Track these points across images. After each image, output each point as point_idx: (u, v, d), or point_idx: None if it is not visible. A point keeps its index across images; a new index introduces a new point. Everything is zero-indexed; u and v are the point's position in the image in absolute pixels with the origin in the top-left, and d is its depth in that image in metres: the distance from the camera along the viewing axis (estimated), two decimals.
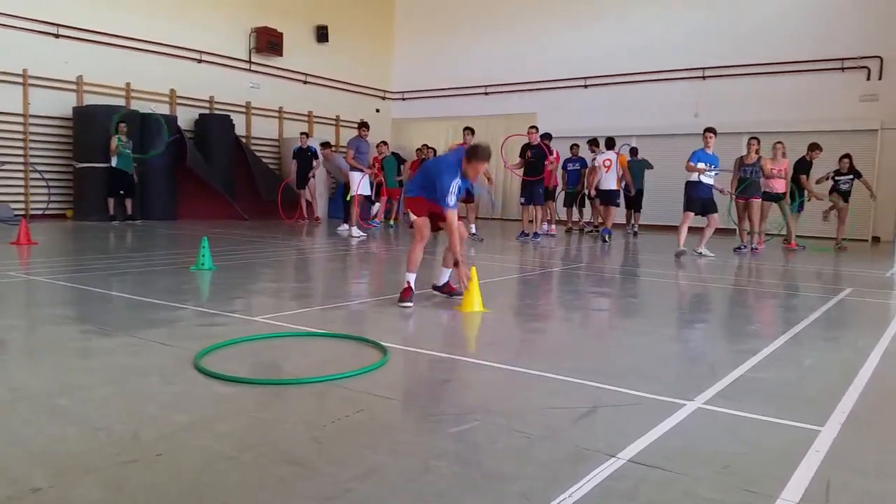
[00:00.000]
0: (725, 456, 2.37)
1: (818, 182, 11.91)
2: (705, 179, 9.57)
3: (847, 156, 11.95)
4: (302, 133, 15.60)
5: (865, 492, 2.16)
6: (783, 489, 2.10)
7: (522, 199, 12.01)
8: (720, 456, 2.37)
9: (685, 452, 2.39)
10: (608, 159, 12.40)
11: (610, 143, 12.82)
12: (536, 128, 12.03)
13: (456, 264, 5.29)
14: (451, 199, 5.11)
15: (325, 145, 14.86)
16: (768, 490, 2.09)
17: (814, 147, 11.66)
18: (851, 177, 11.83)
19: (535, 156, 11.65)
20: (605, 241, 11.89)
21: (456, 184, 5.14)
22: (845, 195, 11.90)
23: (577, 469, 2.21)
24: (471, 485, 2.09)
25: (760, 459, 2.37)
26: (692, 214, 9.66)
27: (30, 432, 2.46)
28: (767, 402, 3.02)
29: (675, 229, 10.42)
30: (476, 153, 5.12)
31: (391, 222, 14.44)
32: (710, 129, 9.68)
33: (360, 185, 12.08)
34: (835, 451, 2.44)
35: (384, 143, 14.76)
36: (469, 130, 11.74)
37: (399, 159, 15.03)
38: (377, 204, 14.19)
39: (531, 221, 12.07)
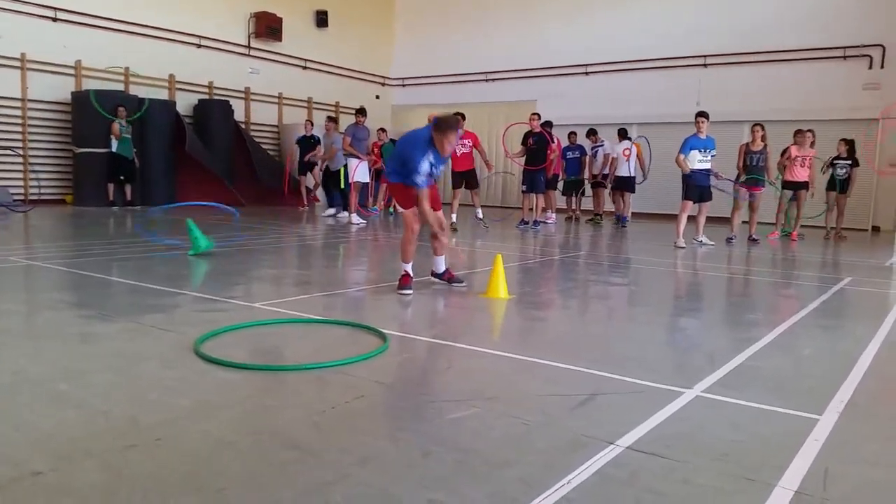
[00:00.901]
0: (724, 444, 2.38)
1: (822, 170, 11.65)
2: (702, 165, 9.47)
3: (845, 141, 11.69)
4: (307, 121, 15.51)
5: (863, 480, 2.17)
6: (781, 477, 2.11)
7: (524, 187, 11.98)
8: (719, 444, 2.38)
9: (684, 440, 2.40)
10: (627, 149, 13.29)
11: (624, 133, 13.57)
12: (538, 115, 11.96)
13: (434, 237, 5.30)
14: (421, 179, 4.96)
15: (331, 119, 14.25)
16: (767, 478, 2.10)
17: (797, 132, 11.70)
18: (850, 162, 11.55)
19: (536, 143, 11.60)
20: (623, 226, 13.08)
21: (428, 162, 5.00)
22: (841, 184, 11.55)
23: (575, 456, 2.22)
24: (470, 471, 2.10)
25: (759, 447, 2.38)
26: (691, 203, 9.56)
27: (30, 417, 2.46)
28: (766, 391, 3.03)
29: (671, 217, 10.39)
30: (441, 125, 4.95)
31: (391, 209, 14.39)
32: (701, 114, 9.53)
33: (357, 171, 12.07)
34: (833, 440, 2.45)
35: (383, 129, 14.70)
36: (460, 116, 11.64)
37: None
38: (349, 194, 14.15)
39: (532, 209, 12.04)
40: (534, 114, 12.00)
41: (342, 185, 12.66)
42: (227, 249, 7.40)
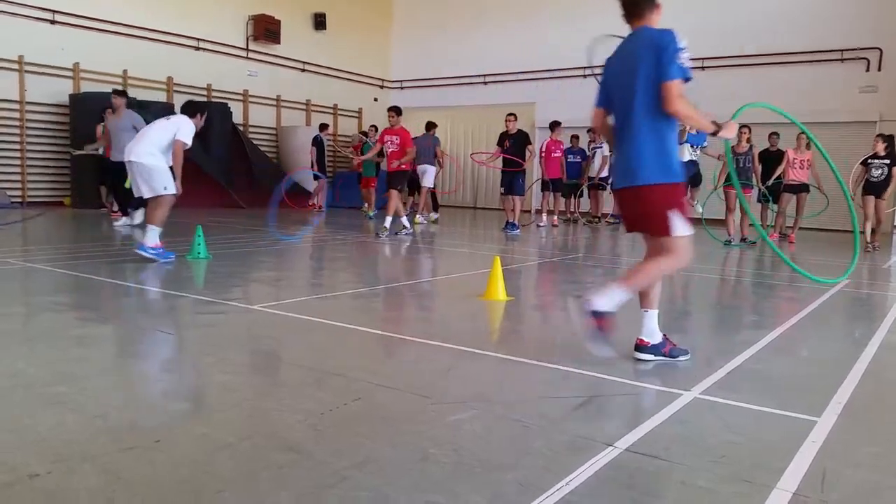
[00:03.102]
0: (722, 446, 2.38)
1: (854, 180, 10.34)
2: (690, 157, 9.38)
3: (883, 137, 10.28)
4: (372, 126, 15.52)
5: (861, 482, 2.17)
6: (779, 479, 2.11)
7: (502, 189, 11.80)
8: (717, 446, 2.38)
9: (682, 442, 2.40)
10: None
11: None
12: (515, 116, 11.68)
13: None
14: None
15: (119, 94, 10.57)
16: (764, 480, 2.10)
17: (771, 135, 11.68)
18: (888, 161, 10.06)
19: (513, 145, 11.40)
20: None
21: None
22: (876, 188, 10.07)
23: (574, 458, 2.22)
24: (468, 473, 2.10)
25: (757, 449, 2.38)
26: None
27: (28, 419, 2.46)
28: (764, 393, 3.03)
29: None
30: None
31: (370, 213, 14.09)
32: None
33: (429, 177, 12.84)
34: (831, 442, 2.45)
35: (374, 127, 14.69)
36: (512, 116, 11.60)
37: None
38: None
39: (513, 211, 11.84)
40: (510, 114, 11.72)
41: (127, 185, 9.60)
42: (226, 251, 7.40)
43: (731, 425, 2.60)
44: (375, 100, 20.28)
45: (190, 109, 6.83)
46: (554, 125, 13.08)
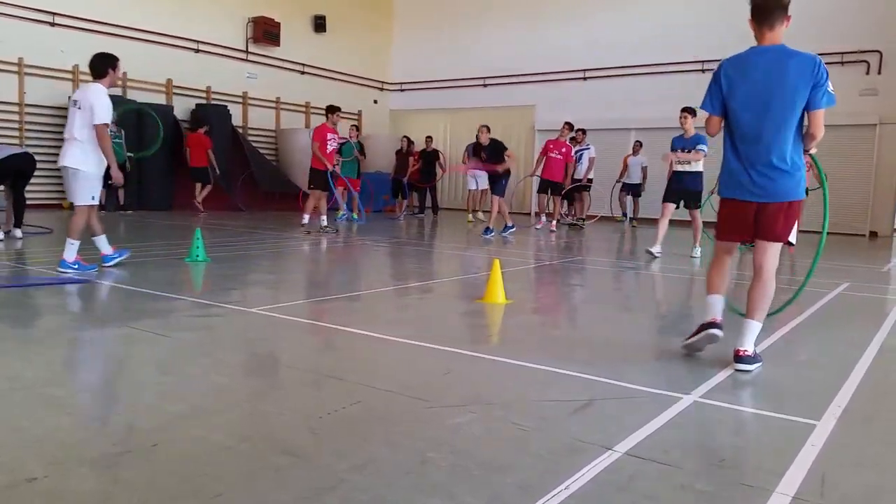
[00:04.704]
0: (721, 449, 2.38)
1: None
2: (679, 167, 8.82)
3: None
4: (352, 126, 15.41)
5: (860, 486, 2.16)
6: (779, 483, 2.10)
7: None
8: (716, 449, 2.38)
9: (681, 446, 2.39)
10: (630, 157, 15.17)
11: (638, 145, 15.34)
12: (488, 127, 11.57)
13: None
14: None
15: None
16: (764, 483, 2.10)
17: None
18: None
19: (491, 155, 11.21)
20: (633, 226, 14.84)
21: None
22: None
23: (573, 461, 2.21)
24: (467, 476, 2.09)
25: (756, 453, 2.38)
26: (671, 206, 8.92)
27: (25, 422, 2.45)
28: (764, 397, 3.02)
29: (678, 223, 10.26)
30: None
31: (354, 215, 13.83)
32: (685, 109, 8.60)
33: (480, 180, 14.13)
34: (830, 445, 2.44)
35: (354, 126, 14.74)
36: (485, 127, 11.53)
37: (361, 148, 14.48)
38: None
39: (499, 213, 11.60)
40: (482, 126, 11.55)
41: None
42: (224, 254, 7.39)
43: (731, 429, 2.60)
44: (375, 102, 20.30)
45: (97, 69, 5.78)
46: (564, 126, 12.94)
